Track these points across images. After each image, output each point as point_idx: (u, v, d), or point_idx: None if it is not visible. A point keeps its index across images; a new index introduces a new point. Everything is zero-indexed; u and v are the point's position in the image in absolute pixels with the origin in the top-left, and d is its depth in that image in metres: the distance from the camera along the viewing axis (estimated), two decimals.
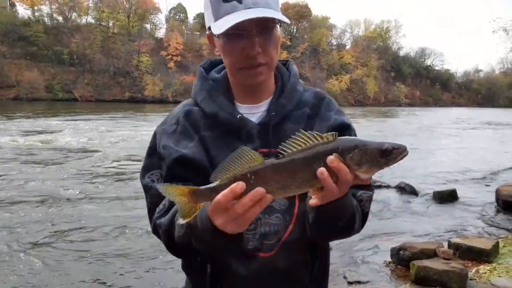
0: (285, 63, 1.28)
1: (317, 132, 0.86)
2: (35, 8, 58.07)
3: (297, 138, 0.86)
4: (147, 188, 1.17)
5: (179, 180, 1.07)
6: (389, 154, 0.84)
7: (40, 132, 16.12)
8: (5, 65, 47.99)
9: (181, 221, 0.91)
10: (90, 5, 62.13)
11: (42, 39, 52.73)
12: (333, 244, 5.16)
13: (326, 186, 0.84)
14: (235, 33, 1.02)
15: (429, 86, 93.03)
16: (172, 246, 1.09)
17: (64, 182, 8.14)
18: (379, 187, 8.41)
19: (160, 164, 1.16)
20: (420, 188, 8.45)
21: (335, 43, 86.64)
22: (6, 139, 13.50)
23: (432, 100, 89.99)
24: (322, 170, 0.83)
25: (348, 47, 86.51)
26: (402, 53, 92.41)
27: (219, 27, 1.02)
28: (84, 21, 61.20)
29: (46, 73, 51.10)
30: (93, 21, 61.23)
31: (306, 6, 77.67)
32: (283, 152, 0.87)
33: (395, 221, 6.53)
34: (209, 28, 1.10)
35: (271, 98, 1.18)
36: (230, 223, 0.87)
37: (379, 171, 0.86)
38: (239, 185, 0.84)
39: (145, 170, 1.19)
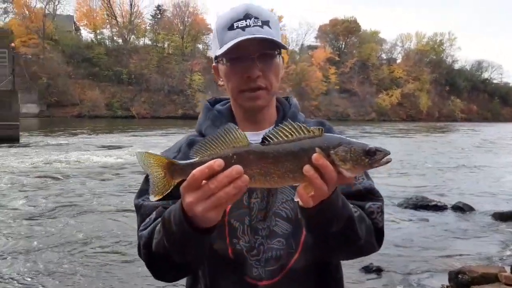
0: (286, 98, 1.33)
1: (303, 125, 0.86)
2: (97, 31, 62.81)
3: (284, 127, 0.86)
4: (138, 207, 1.17)
5: (170, 199, 1.00)
6: (373, 155, 0.84)
7: (104, 147, 17.30)
8: (70, 84, 51.98)
9: (152, 197, 0.89)
10: (147, 27, 66.26)
11: (103, 60, 56.74)
12: (386, 265, 5.18)
13: (314, 183, 0.83)
14: (237, 57, 1.10)
15: (487, 100, 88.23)
16: (152, 260, 1.07)
17: (125, 192, 8.75)
18: (435, 206, 8.22)
19: None
20: (478, 208, 8.16)
21: (385, 57, 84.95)
22: (74, 154, 14.67)
23: (490, 115, 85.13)
24: (307, 167, 0.82)
25: (399, 61, 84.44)
26: (457, 66, 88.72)
27: (222, 50, 1.11)
28: (141, 42, 65.25)
29: (106, 92, 54.77)
30: (149, 42, 65.00)
31: (355, 21, 77.14)
32: (268, 139, 0.86)
33: (453, 242, 6.37)
34: (215, 58, 1.18)
35: (274, 126, 1.19)
36: (201, 202, 0.83)
37: (364, 171, 0.85)
38: (217, 162, 0.81)
39: (139, 193, 1.20)
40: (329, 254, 1.11)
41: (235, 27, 1.10)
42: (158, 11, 67.07)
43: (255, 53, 1.09)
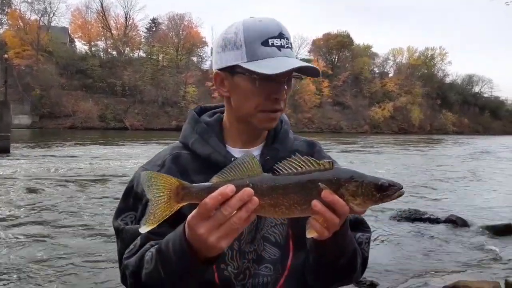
0: None
1: (313, 158, 0.85)
2: (92, 43, 63.04)
3: (293, 161, 0.85)
4: (118, 231, 1.11)
5: None
6: (385, 190, 0.83)
7: (95, 158, 17.17)
8: (63, 96, 51.89)
9: (144, 228, 0.82)
10: (142, 40, 66.74)
11: (97, 72, 56.78)
12: (379, 280, 5.10)
13: (324, 217, 0.82)
14: (269, 77, 1.03)
15: (478, 114, 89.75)
16: None
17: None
18: (428, 220, 8.21)
19: (135, 206, 1.11)
20: (472, 221, 8.14)
21: (377, 71, 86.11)
22: (63, 165, 14.54)
23: (481, 129, 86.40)
24: (316, 202, 0.81)
25: (391, 75, 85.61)
26: (448, 80, 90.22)
27: (264, 67, 1.02)
28: (136, 55, 65.62)
29: (100, 103, 54.71)
30: (144, 55, 65.35)
31: (348, 36, 78.26)
32: (278, 171, 0.85)
33: (446, 256, 6.34)
34: (233, 67, 1.08)
35: (264, 144, 1.18)
36: (214, 231, 0.81)
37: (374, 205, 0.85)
38: (229, 188, 0.78)
39: (118, 212, 1.14)
40: (319, 283, 1.09)
41: (270, 44, 1.05)
42: (153, 24, 67.67)
43: (285, 76, 1.06)
